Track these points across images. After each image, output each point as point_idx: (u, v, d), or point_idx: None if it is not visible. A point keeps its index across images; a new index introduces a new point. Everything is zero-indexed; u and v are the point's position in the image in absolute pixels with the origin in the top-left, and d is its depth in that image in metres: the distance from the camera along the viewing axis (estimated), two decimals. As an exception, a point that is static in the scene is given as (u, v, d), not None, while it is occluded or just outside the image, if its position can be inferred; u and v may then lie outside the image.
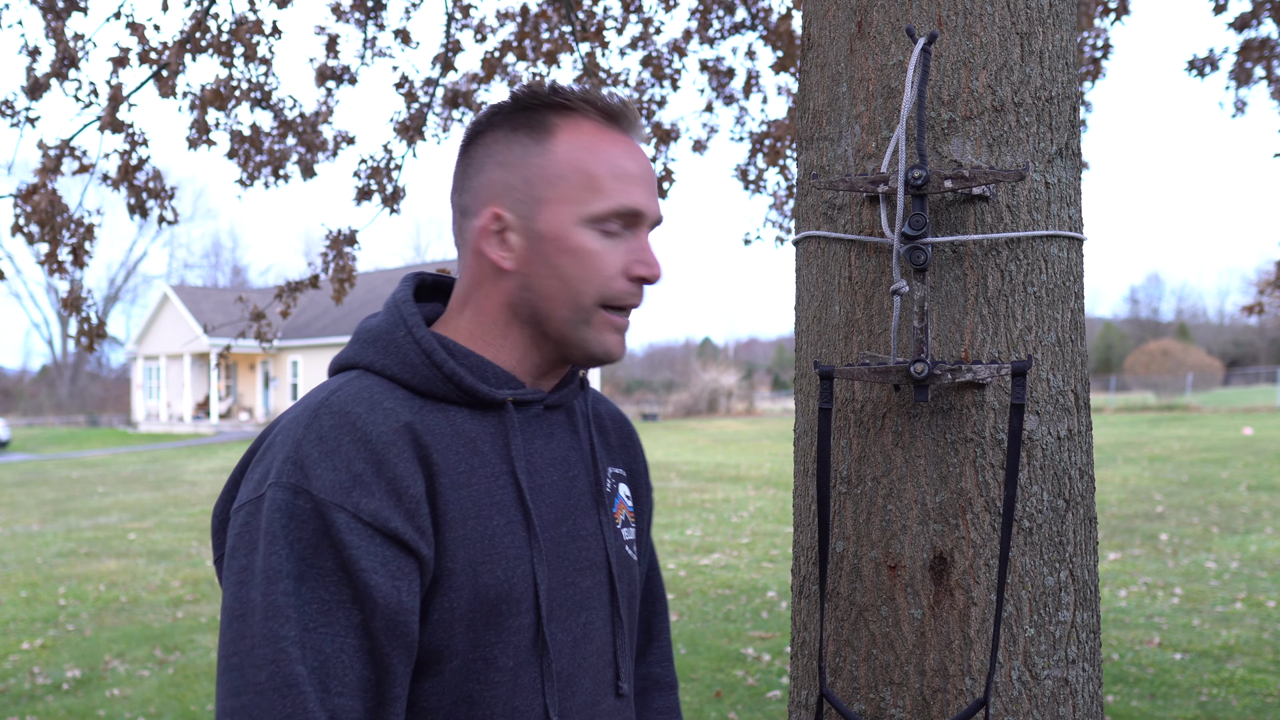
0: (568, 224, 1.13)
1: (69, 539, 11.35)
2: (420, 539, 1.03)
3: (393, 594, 1.01)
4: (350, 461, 1.02)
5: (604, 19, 5.70)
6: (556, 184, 1.13)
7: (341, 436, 1.03)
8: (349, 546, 0.99)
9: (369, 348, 1.15)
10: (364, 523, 1.00)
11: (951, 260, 1.54)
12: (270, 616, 0.98)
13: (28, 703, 5.51)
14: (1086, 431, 1.63)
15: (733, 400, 38.95)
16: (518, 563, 1.10)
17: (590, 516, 1.21)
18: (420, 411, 1.10)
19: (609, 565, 1.21)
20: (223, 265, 57.99)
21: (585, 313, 1.14)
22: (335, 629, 0.99)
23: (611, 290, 1.14)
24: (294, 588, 0.99)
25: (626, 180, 1.14)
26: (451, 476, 1.08)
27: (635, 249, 1.15)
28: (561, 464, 1.20)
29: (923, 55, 1.51)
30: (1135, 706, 4.90)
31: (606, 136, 1.15)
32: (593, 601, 1.19)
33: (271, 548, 1.00)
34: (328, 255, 5.69)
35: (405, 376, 1.12)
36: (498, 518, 1.10)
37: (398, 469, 1.03)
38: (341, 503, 1.00)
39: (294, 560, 0.99)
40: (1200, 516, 10.83)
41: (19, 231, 4.63)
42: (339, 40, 5.82)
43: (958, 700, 1.51)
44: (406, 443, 1.05)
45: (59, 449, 29.20)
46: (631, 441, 1.38)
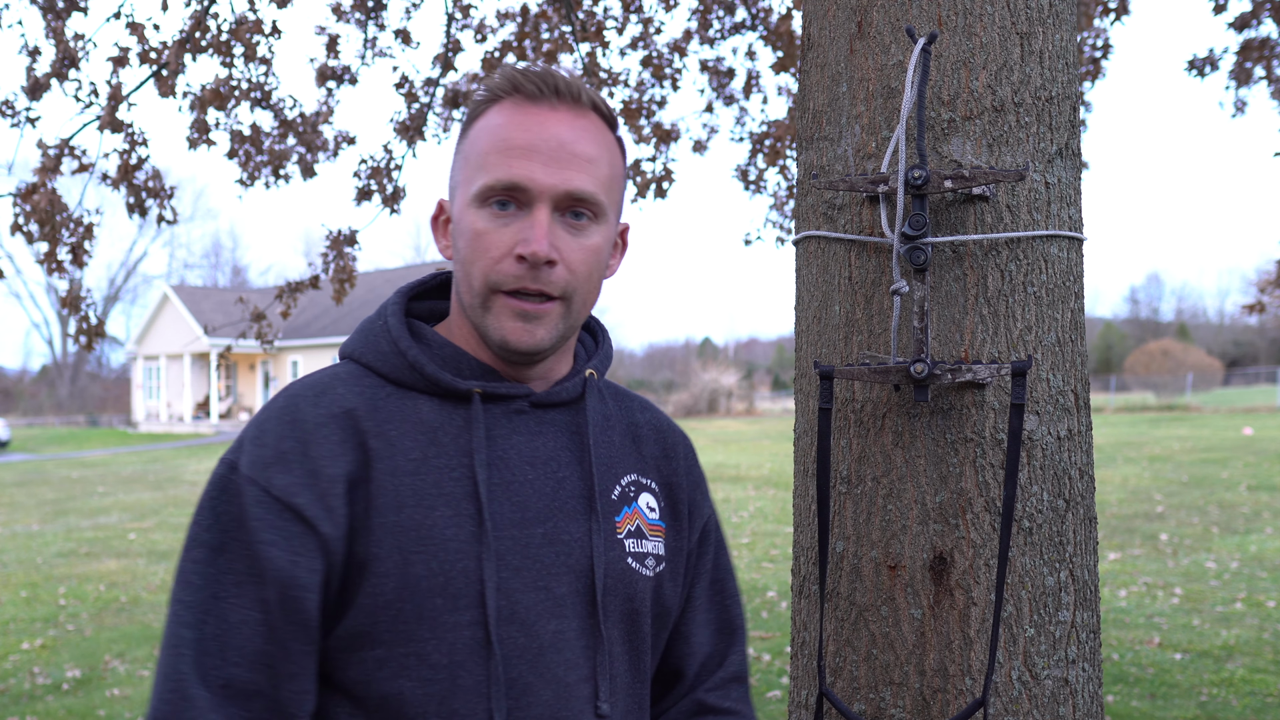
0: (463, 205, 1.11)
1: (69, 539, 11.35)
2: (326, 518, 1.04)
3: (288, 567, 1.03)
4: (279, 440, 1.06)
5: (604, 19, 5.70)
6: (464, 168, 1.13)
7: (282, 418, 1.08)
8: (252, 519, 1.03)
9: (356, 337, 1.19)
10: (273, 497, 1.04)
11: (951, 260, 1.54)
12: (178, 582, 1.05)
13: (28, 703, 5.51)
14: (1086, 431, 1.62)
15: (733, 400, 38.96)
16: (459, 556, 1.06)
17: (578, 521, 1.14)
18: (383, 399, 1.11)
19: (591, 574, 1.14)
20: (223, 265, 58.03)
21: (481, 297, 1.10)
22: (243, 600, 1.02)
23: (497, 273, 1.08)
24: (208, 556, 1.04)
25: (511, 154, 1.08)
26: (393, 463, 1.07)
27: (524, 226, 1.08)
28: (548, 464, 1.15)
29: (923, 55, 1.51)
30: (1135, 706, 4.90)
31: (520, 113, 1.10)
32: (566, 610, 1.11)
33: (199, 517, 1.06)
34: (328, 255, 5.69)
35: (378, 364, 1.14)
36: (443, 509, 1.07)
37: (321, 449, 1.06)
38: (256, 477, 1.04)
39: (217, 530, 1.04)
40: (1200, 516, 10.83)
41: (18, 231, 4.63)
42: (339, 40, 5.82)
43: (958, 700, 1.51)
44: (340, 427, 1.08)
45: (59, 449, 29.21)
46: (674, 455, 1.29)
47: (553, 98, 1.10)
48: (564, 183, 1.08)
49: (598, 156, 1.12)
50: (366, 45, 5.86)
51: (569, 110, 1.11)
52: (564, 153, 1.09)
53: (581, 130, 1.11)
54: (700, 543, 1.31)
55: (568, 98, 1.11)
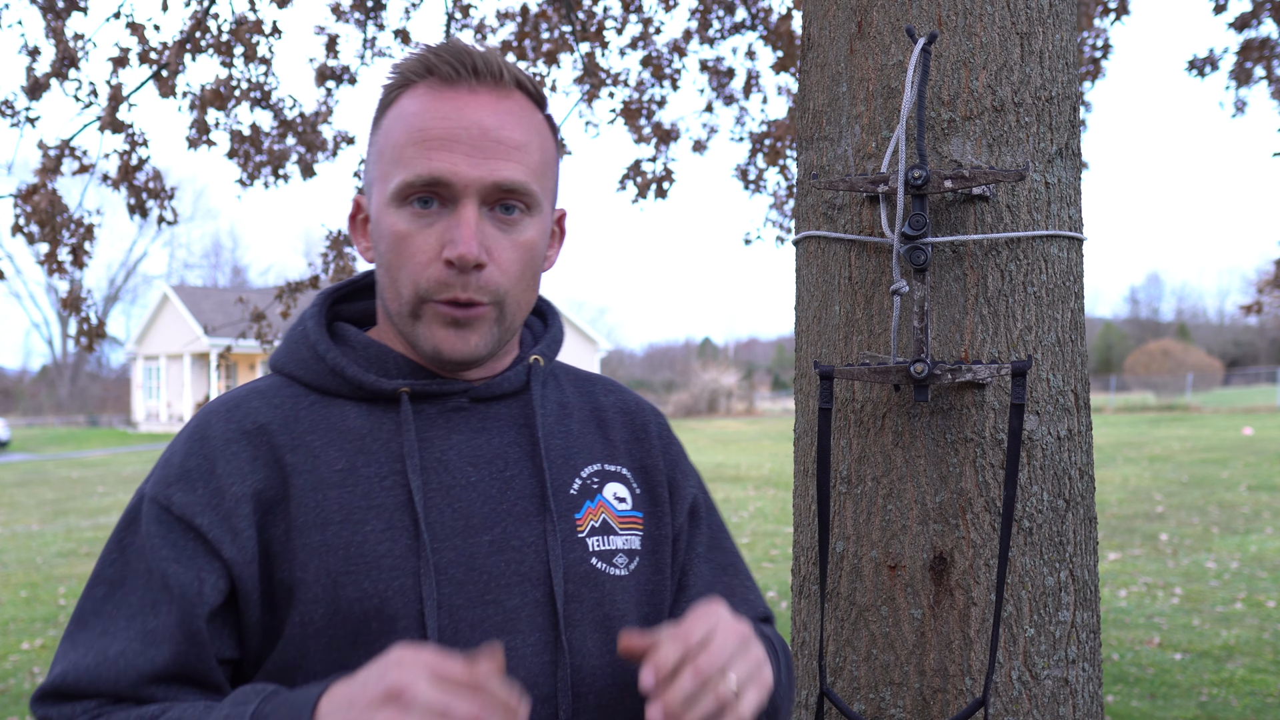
0: (381, 205, 1.01)
1: (69, 539, 11.35)
2: (229, 540, 0.96)
3: (192, 585, 0.96)
4: (185, 459, 1.00)
5: (604, 19, 5.71)
6: (379, 163, 1.02)
7: (192, 437, 1.02)
8: (149, 535, 0.97)
9: (281, 347, 1.11)
10: (173, 515, 0.98)
11: (951, 260, 1.54)
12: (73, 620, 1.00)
13: (28, 703, 5.51)
14: (1086, 431, 1.62)
15: (733, 400, 38.97)
16: (395, 574, 0.97)
17: (531, 524, 1.03)
18: (303, 409, 1.03)
19: (549, 581, 1.03)
20: (223, 265, 58.00)
21: (409, 305, 1.00)
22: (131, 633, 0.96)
23: (426, 281, 0.98)
24: (107, 593, 0.99)
25: (429, 145, 0.97)
26: (314, 477, 0.99)
27: (450, 226, 0.97)
28: (493, 463, 1.04)
29: (923, 55, 1.51)
30: (1135, 706, 4.90)
31: (436, 98, 0.99)
32: (521, 624, 1.01)
33: (105, 552, 1.02)
34: (328, 255, 5.69)
35: (299, 372, 1.06)
36: (374, 523, 0.98)
37: (226, 467, 0.99)
38: (156, 495, 0.99)
39: (120, 564, 1.00)
40: (1200, 516, 10.83)
41: (19, 231, 4.64)
42: (339, 40, 5.82)
43: (958, 700, 1.51)
44: (249, 444, 1.00)
45: (59, 449, 29.22)
46: (645, 435, 1.18)
47: (471, 79, 0.99)
48: (491, 174, 0.97)
49: (526, 141, 1.00)
50: (366, 45, 5.86)
51: (491, 91, 1.00)
52: (488, 140, 0.98)
53: (506, 113, 0.99)
54: (690, 520, 1.19)
55: (488, 77, 0.99)
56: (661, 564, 1.14)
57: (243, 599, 0.98)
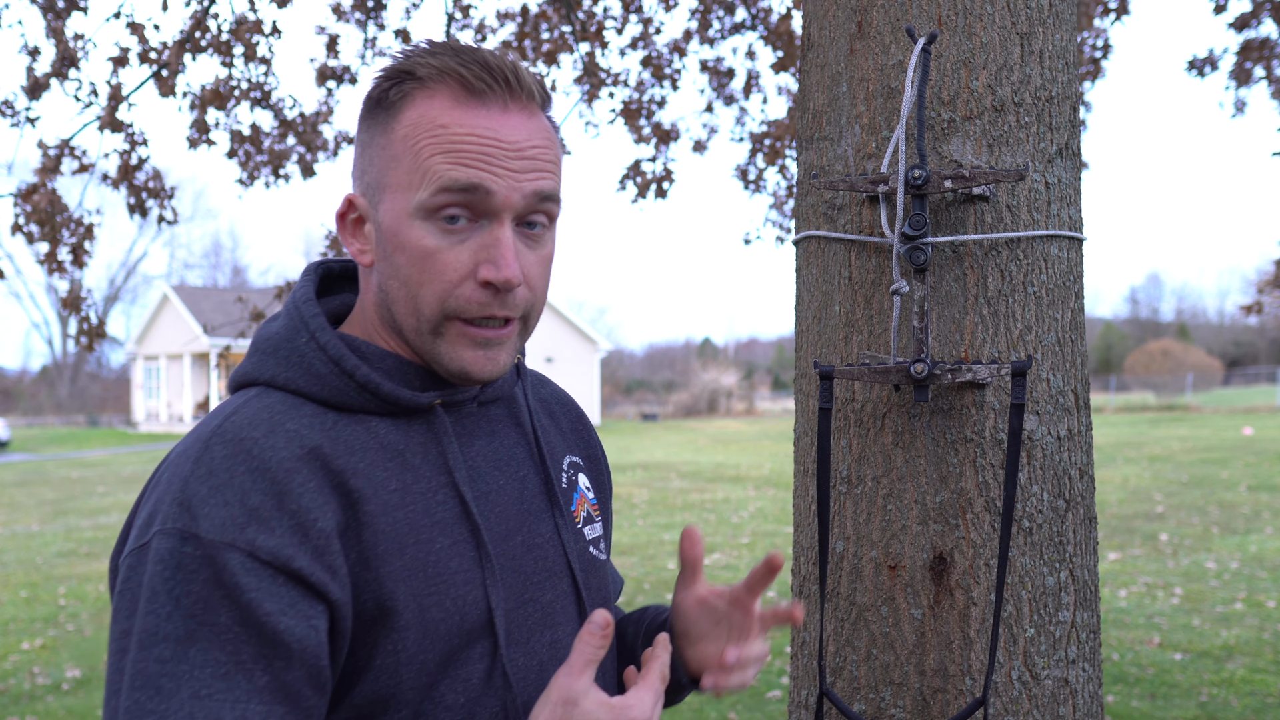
0: (401, 216, 0.95)
1: (69, 539, 11.35)
2: (331, 580, 0.89)
3: (311, 635, 0.88)
4: (245, 495, 0.88)
5: (604, 19, 5.71)
6: (392, 168, 0.96)
7: (235, 467, 0.89)
8: (246, 590, 0.85)
9: (268, 360, 0.99)
10: (263, 562, 0.86)
11: (951, 260, 1.54)
12: (137, 687, 0.84)
13: (28, 703, 5.51)
14: (1086, 431, 1.63)
15: (733, 400, 38.97)
16: (468, 588, 0.96)
17: (545, 520, 1.06)
18: (333, 429, 0.95)
19: (572, 573, 1.06)
20: (223, 265, 57.99)
21: (431, 324, 0.96)
22: (236, 694, 0.84)
23: (457, 300, 0.94)
24: (176, 652, 0.84)
25: (464, 155, 0.93)
26: (379, 501, 0.94)
27: (488, 245, 0.94)
28: (509, 464, 1.05)
29: (923, 55, 1.51)
30: (1135, 706, 4.90)
31: (461, 109, 0.94)
32: (557, 617, 1.04)
33: (151, 606, 0.86)
34: (328, 255, 5.69)
35: (313, 390, 0.97)
36: (440, 539, 0.96)
37: (303, 500, 0.89)
38: (234, 541, 0.86)
39: (180, 619, 0.85)
40: (1200, 516, 10.83)
41: (19, 231, 4.64)
42: (339, 40, 5.82)
43: (958, 700, 1.51)
44: (314, 470, 0.91)
45: (59, 449, 29.21)
46: (583, 424, 1.22)
47: (504, 93, 0.95)
48: (530, 182, 0.95)
49: (555, 156, 0.99)
50: (366, 45, 5.86)
51: (522, 109, 0.97)
52: (524, 157, 0.95)
53: (536, 130, 0.98)
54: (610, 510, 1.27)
55: (520, 94, 0.96)
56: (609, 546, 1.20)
57: (339, 638, 0.92)
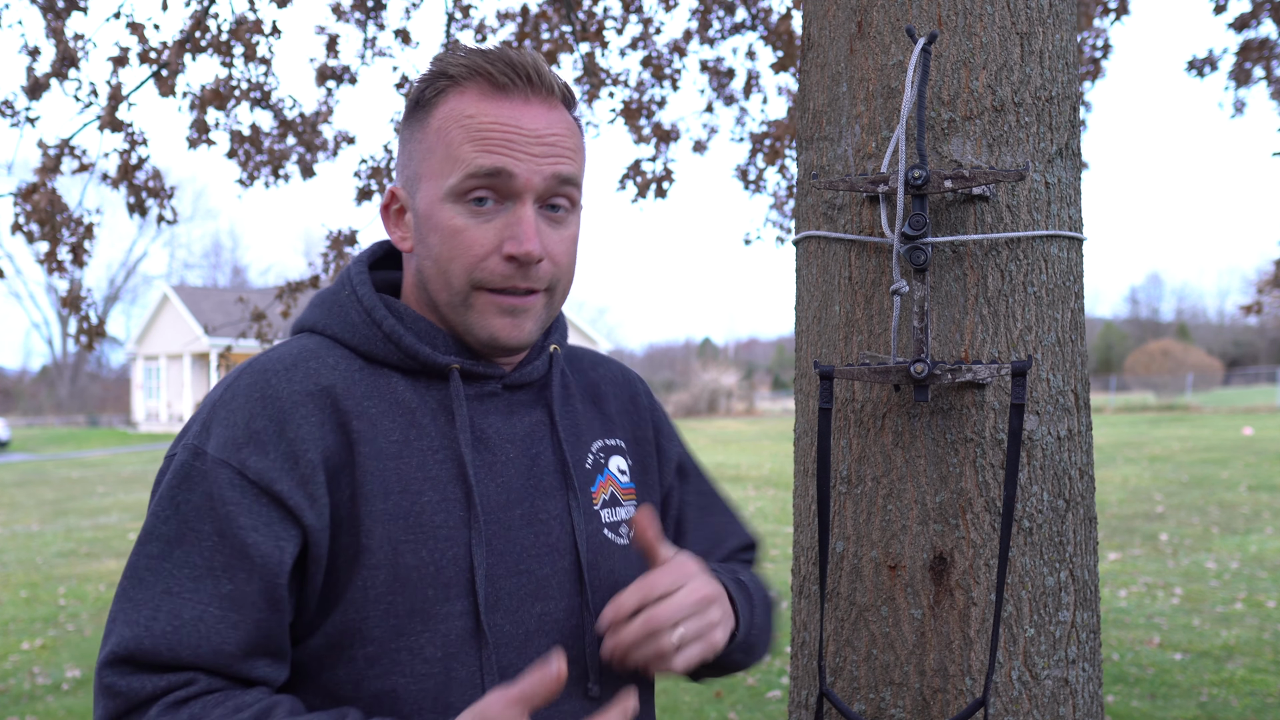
0: (434, 201, 1.05)
1: (69, 539, 11.35)
2: (309, 507, 0.98)
3: (274, 553, 0.97)
4: (251, 419, 0.99)
5: (604, 19, 5.71)
6: (427, 159, 1.06)
7: (251, 394, 1.01)
8: (228, 503, 0.96)
9: (317, 309, 1.12)
10: (249, 480, 0.97)
11: (951, 260, 1.54)
12: (127, 575, 0.98)
13: (28, 703, 5.51)
14: (1086, 431, 1.63)
15: (733, 400, 38.97)
16: (449, 544, 1.02)
17: (556, 499, 1.11)
18: (356, 374, 1.05)
19: (576, 552, 1.11)
20: (223, 265, 57.97)
21: (461, 295, 1.06)
22: (200, 595, 0.95)
23: (483, 272, 1.04)
24: (163, 550, 0.97)
25: (489, 143, 1.03)
26: (376, 446, 1.02)
27: (511, 223, 1.04)
28: (523, 441, 1.11)
29: (923, 55, 1.51)
30: (1135, 706, 4.90)
31: (487, 102, 1.04)
32: (552, 591, 1.08)
33: (157, 508, 0.99)
34: (328, 255, 5.69)
35: (347, 336, 1.08)
36: (430, 494, 1.03)
37: (300, 430, 0.99)
38: (228, 459, 0.97)
39: (175, 523, 0.98)
40: (1200, 516, 10.83)
41: (19, 230, 4.64)
42: (339, 40, 5.82)
43: (958, 700, 1.51)
44: (319, 406, 1.01)
45: (59, 449, 29.21)
46: (635, 405, 1.27)
47: (526, 88, 1.05)
48: (550, 166, 1.04)
49: (574, 146, 1.08)
50: (366, 45, 5.86)
51: (543, 102, 1.06)
52: (544, 143, 1.05)
53: (558, 121, 1.07)
54: (679, 477, 1.29)
55: (541, 89, 1.06)
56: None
57: (312, 564, 1.00)
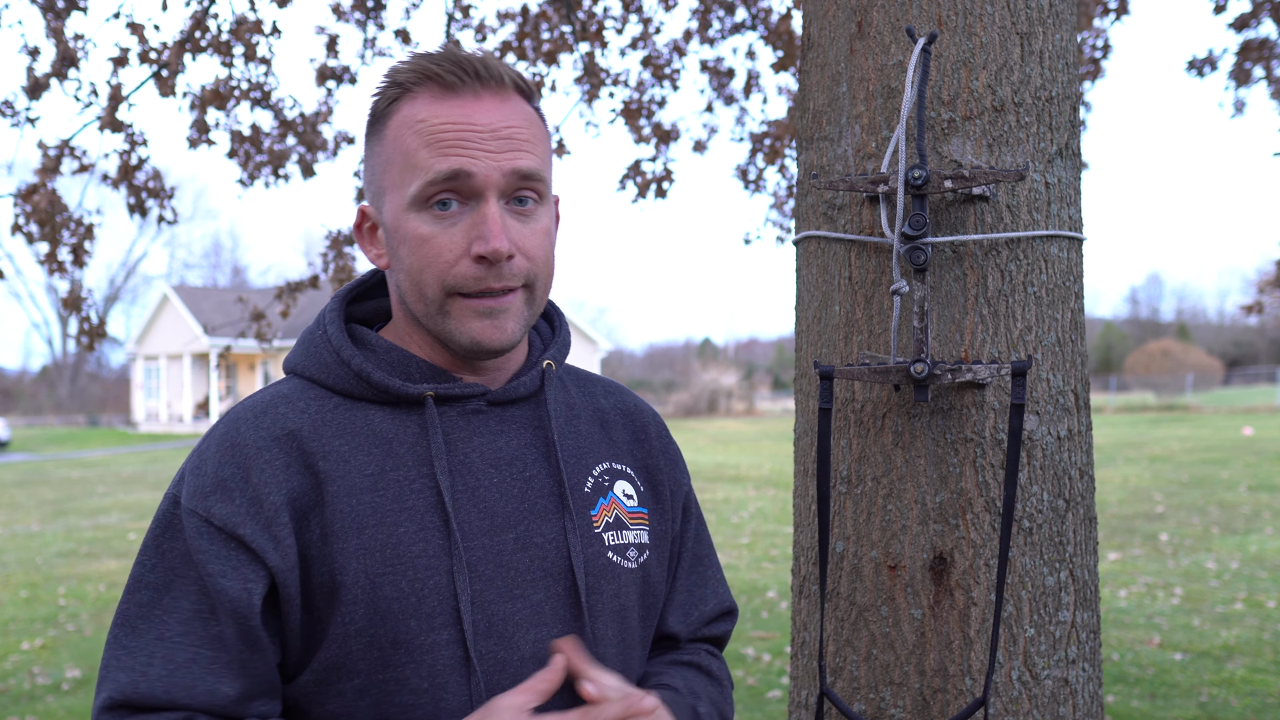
0: (399, 212, 1.04)
1: (69, 539, 11.35)
2: (272, 549, 0.99)
3: (243, 596, 0.98)
4: (220, 468, 1.01)
5: (604, 19, 5.71)
6: (388, 171, 1.05)
7: (222, 444, 1.03)
8: (197, 551, 0.99)
9: (297, 350, 1.13)
10: (215, 527, 0.99)
11: (951, 260, 1.54)
12: (119, 624, 1.01)
13: (28, 703, 5.51)
14: (1086, 431, 1.62)
15: (733, 400, 38.96)
16: (430, 573, 1.01)
17: (550, 521, 1.08)
18: (329, 414, 1.05)
19: (572, 576, 1.08)
20: (223, 265, 57.95)
21: (437, 304, 1.04)
22: (191, 639, 0.98)
23: (455, 277, 1.02)
24: (152, 598, 1.00)
25: (443, 145, 1.01)
26: (348, 482, 1.02)
27: (475, 223, 1.02)
28: (513, 464, 1.09)
29: (923, 55, 1.51)
30: (1135, 706, 4.90)
31: (438, 104, 1.02)
32: (546, 617, 1.06)
33: (143, 557, 1.02)
34: (328, 255, 5.69)
35: (321, 376, 1.08)
36: (407, 524, 1.02)
37: (263, 476, 1.00)
38: (196, 508, 1.00)
39: (162, 570, 1.00)
40: (1200, 516, 10.83)
41: (19, 231, 4.64)
42: (339, 40, 5.82)
43: (958, 700, 1.51)
44: (283, 450, 1.02)
45: (59, 449, 29.21)
46: (646, 436, 1.24)
47: (475, 84, 1.03)
48: (509, 162, 1.02)
49: (532, 135, 1.05)
50: (366, 45, 5.86)
51: (493, 95, 1.04)
52: (500, 137, 1.02)
53: (511, 113, 1.04)
54: (682, 519, 1.27)
55: (490, 81, 1.03)
56: (662, 557, 1.21)
57: (285, 603, 1.01)
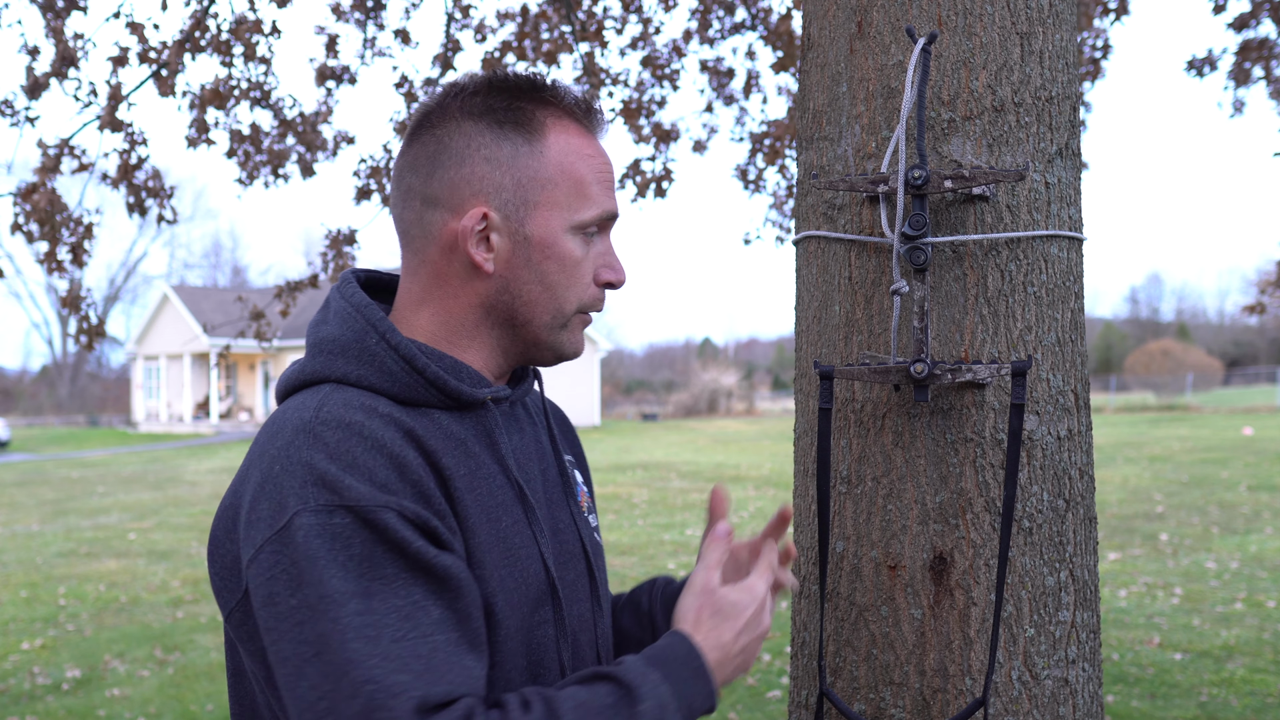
0: (557, 230, 1.12)
1: (69, 539, 11.35)
2: (455, 540, 1.02)
3: (464, 570, 1.01)
4: (374, 470, 0.97)
5: (604, 19, 5.70)
6: (548, 188, 1.11)
7: (355, 447, 0.98)
8: (409, 541, 0.96)
9: (338, 359, 1.09)
10: (408, 519, 0.97)
11: (951, 260, 1.54)
12: (351, 640, 0.92)
13: (28, 703, 5.51)
14: (1086, 431, 1.62)
15: (733, 400, 38.95)
16: (530, 562, 1.10)
17: (564, 508, 1.22)
18: (410, 418, 1.06)
19: (586, 555, 1.21)
20: (223, 265, 57.95)
21: (565, 318, 1.15)
22: (421, 629, 0.94)
23: (588, 297, 1.16)
24: (364, 605, 0.93)
25: (607, 185, 1.16)
26: (462, 481, 1.06)
27: (603, 253, 1.17)
28: (537, 458, 1.21)
29: (923, 55, 1.51)
30: (1135, 706, 4.90)
31: (588, 138, 1.16)
32: (578, 594, 1.19)
33: (321, 575, 0.93)
34: (327, 255, 5.69)
35: (384, 385, 1.07)
36: (505, 518, 1.09)
37: (418, 473, 1.00)
38: (386, 503, 0.96)
39: (354, 579, 0.94)
40: (1200, 516, 10.83)
41: (18, 230, 4.63)
42: (339, 40, 5.82)
43: (958, 700, 1.51)
44: (415, 449, 1.02)
45: (59, 449, 29.19)
46: (569, 427, 1.38)
47: (599, 127, 1.18)
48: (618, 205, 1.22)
49: None
50: (366, 45, 5.86)
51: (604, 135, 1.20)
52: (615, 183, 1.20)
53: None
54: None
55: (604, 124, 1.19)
56: None
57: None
